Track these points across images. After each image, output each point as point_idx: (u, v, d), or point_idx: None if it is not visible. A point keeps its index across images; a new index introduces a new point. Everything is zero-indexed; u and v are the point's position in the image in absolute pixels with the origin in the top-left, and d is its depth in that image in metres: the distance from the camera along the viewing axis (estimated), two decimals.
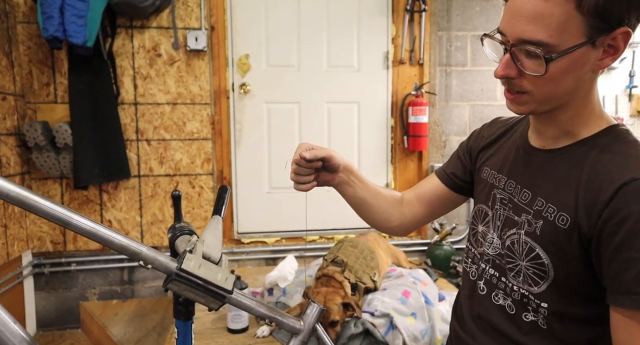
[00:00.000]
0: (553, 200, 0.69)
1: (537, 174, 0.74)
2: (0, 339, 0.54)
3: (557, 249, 0.68)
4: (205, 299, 0.64)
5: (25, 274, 2.28)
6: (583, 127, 0.70)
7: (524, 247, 0.72)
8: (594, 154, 0.67)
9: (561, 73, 0.64)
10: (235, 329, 1.70)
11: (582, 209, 0.65)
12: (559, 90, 0.66)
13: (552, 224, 0.68)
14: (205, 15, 2.41)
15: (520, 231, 0.73)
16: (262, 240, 2.62)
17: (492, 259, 0.79)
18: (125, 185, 2.43)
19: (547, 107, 0.69)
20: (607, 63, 0.65)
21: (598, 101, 0.71)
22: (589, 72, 0.66)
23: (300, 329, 0.76)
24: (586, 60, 0.64)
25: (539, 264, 0.70)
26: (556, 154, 0.72)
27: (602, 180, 0.63)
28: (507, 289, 0.76)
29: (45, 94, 2.31)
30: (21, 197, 0.54)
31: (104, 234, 0.59)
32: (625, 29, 0.61)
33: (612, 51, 0.64)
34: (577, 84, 0.66)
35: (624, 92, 2.86)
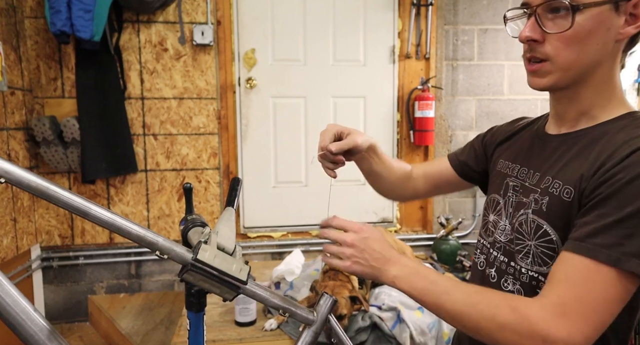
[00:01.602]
0: (560, 176, 0.69)
1: (549, 156, 0.73)
2: (21, 326, 0.55)
3: (564, 224, 0.66)
4: (220, 289, 0.65)
5: (34, 268, 2.30)
6: (602, 111, 0.70)
7: (532, 225, 0.71)
8: (609, 134, 0.66)
9: (586, 33, 0.64)
10: (243, 322, 1.71)
11: (587, 176, 0.64)
12: (582, 56, 0.66)
13: (557, 198, 0.68)
14: (212, 10, 2.41)
15: (527, 211, 0.72)
16: (269, 235, 2.63)
17: (503, 245, 0.79)
18: (132, 180, 2.44)
19: (568, 78, 0.68)
20: (629, 32, 0.64)
21: (620, 86, 0.70)
22: (613, 42, 0.65)
23: (314, 319, 0.77)
24: (610, 25, 0.64)
25: (547, 241, 0.69)
26: (571, 136, 0.72)
27: (615, 150, 0.62)
28: (516, 273, 0.74)
29: (52, 88, 2.32)
30: (42, 188, 0.54)
31: (121, 224, 0.60)
32: None
33: (632, 20, 0.64)
34: (601, 55, 0.66)
35: (632, 86, 2.84)
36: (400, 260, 0.74)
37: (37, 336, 0.55)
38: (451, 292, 0.67)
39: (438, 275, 0.71)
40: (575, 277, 0.60)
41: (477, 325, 0.64)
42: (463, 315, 0.65)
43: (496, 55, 2.75)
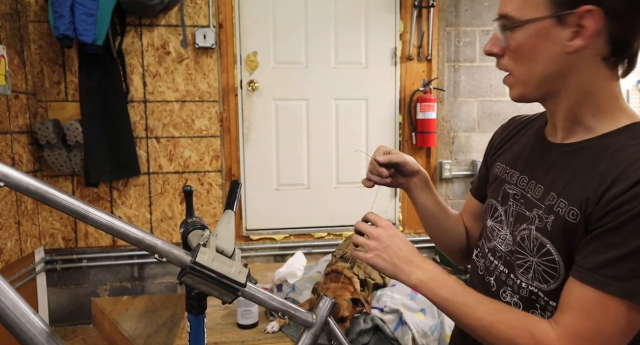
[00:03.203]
0: (565, 194, 0.67)
1: (552, 168, 0.71)
2: (20, 329, 0.55)
3: (567, 246, 0.65)
4: (219, 292, 0.65)
5: (38, 270, 2.31)
6: (596, 121, 0.68)
7: (535, 242, 0.70)
8: (612, 149, 0.64)
9: (529, 48, 0.66)
10: (245, 324, 1.71)
11: (593, 199, 0.62)
12: (533, 69, 0.67)
13: (562, 218, 0.66)
14: (214, 13, 2.42)
15: (531, 226, 0.71)
16: (271, 237, 2.63)
17: (504, 255, 0.78)
18: (135, 183, 2.45)
19: (532, 90, 0.70)
20: (577, 44, 0.63)
21: (615, 95, 0.68)
22: (563, 55, 0.64)
23: (313, 322, 0.77)
24: (554, 39, 0.64)
25: (549, 260, 0.68)
26: (574, 148, 0.69)
27: (620, 172, 0.60)
28: (515, 287, 0.74)
29: (56, 92, 2.34)
30: (41, 191, 0.55)
31: (120, 227, 0.60)
32: (589, 7, 0.60)
33: (581, 31, 0.62)
34: (554, 68, 0.66)
35: (635, 86, 2.83)
36: (425, 264, 0.74)
37: (36, 339, 0.55)
38: (472, 306, 0.68)
39: (460, 285, 0.71)
40: (589, 309, 0.60)
41: (494, 344, 0.66)
42: (483, 331, 0.66)
43: None
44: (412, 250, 0.76)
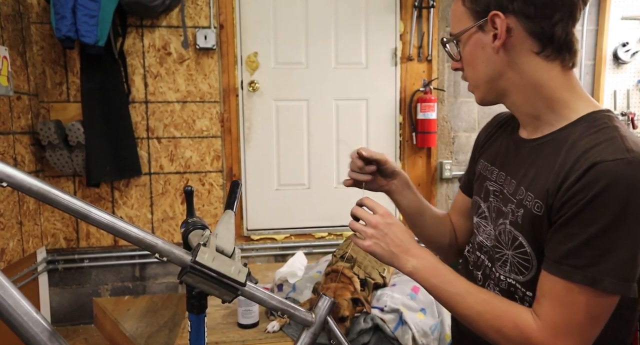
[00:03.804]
0: (531, 188, 0.70)
1: (522, 164, 0.75)
2: (23, 328, 0.56)
3: (536, 238, 0.69)
4: (219, 291, 0.66)
5: (39, 270, 2.32)
6: (554, 113, 0.72)
7: (509, 236, 0.74)
8: (570, 141, 0.67)
9: (468, 56, 0.76)
10: (245, 324, 1.72)
11: (553, 190, 0.65)
12: (478, 73, 0.76)
13: (530, 211, 0.69)
14: (215, 14, 2.43)
15: (506, 221, 0.75)
16: (272, 237, 2.64)
17: (488, 250, 0.82)
18: (136, 183, 2.46)
19: (485, 92, 0.78)
20: (498, 44, 0.70)
21: (566, 85, 0.71)
22: (495, 55, 0.72)
23: (312, 321, 0.77)
24: (482, 44, 0.73)
25: (522, 253, 0.72)
26: (539, 142, 0.74)
27: (574, 162, 0.64)
28: (496, 279, 0.79)
29: (58, 93, 2.35)
30: (43, 191, 0.56)
31: (120, 227, 0.61)
32: (495, 12, 0.69)
33: (497, 34, 0.70)
34: (494, 68, 0.73)
35: (636, 86, 2.83)
36: (421, 253, 0.76)
37: (39, 337, 0.56)
38: (464, 295, 0.71)
39: (454, 275, 0.74)
40: (559, 299, 0.64)
41: (484, 332, 0.70)
42: (473, 320, 0.71)
43: None
44: (409, 239, 0.77)
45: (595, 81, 2.83)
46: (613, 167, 0.59)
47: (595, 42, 2.81)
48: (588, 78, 2.84)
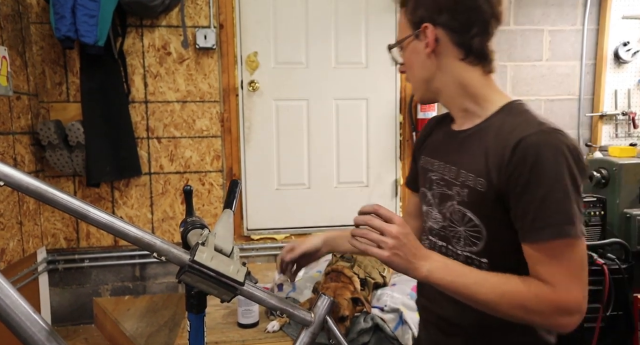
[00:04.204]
0: (471, 169, 0.82)
1: (459, 151, 0.87)
2: (21, 328, 0.56)
3: (482, 211, 0.80)
4: (218, 290, 0.65)
5: (40, 270, 2.32)
6: (477, 107, 0.86)
7: (460, 214, 0.84)
8: (496, 126, 0.81)
9: (408, 60, 0.89)
10: (245, 323, 1.72)
11: (493, 169, 0.77)
12: (415, 75, 0.89)
13: (474, 189, 0.80)
14: (214, 14, 2.43)
15: (454, 202, 0.85)
16: (272, 237, 2.63)
17: (438, 232, 0.91)
18: (136, 183, 2.46)
19: (422, 92, 0.91)
20: (427, 51, 0.84)
21: (485, 85, 0.85)
22: (427, 60, 0.85)
23: (311, 321, 0.77)
24: (417, 50, 0.86)
25: (473, 226, 0.82)
26: (471, 131, 0.86)
27: (504, 143, 0.76)
28: (454, 255, 0.87)
29: (58, 93, 2.35)
30: (41, 191, 0.56)
31: (119, 227, 0.61)
32: (426, 24, 0.83)
33: (427, 42, 0.84)
34: (428, 72, 0.86)
35: (637, 86, 2.82)
36: (431, 255, 0.80)
37: (37, 337, 0.56)
38: (480, 283, 0.75)
39: (463, 267, 0.78)
40: (552, 258, 0.73)
41: (509, 313, 0.74)
42: (495, 304, 0.74)
43: (499, 56, 2.71)
44: (420, 245, 0.79)
45: (596, 81, 2.83)
46: (535, 138, 0.73)
47: (596, 41, 2.81)
48: (589, 78, 2.83)
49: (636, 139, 2.83)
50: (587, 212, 1.96)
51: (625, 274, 1.86)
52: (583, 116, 2.84)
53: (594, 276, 1.87)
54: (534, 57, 2.78)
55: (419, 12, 0.84)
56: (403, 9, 0.88)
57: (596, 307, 1.87)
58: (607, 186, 2.18)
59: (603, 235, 1.98)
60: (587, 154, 2.79)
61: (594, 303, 1.87)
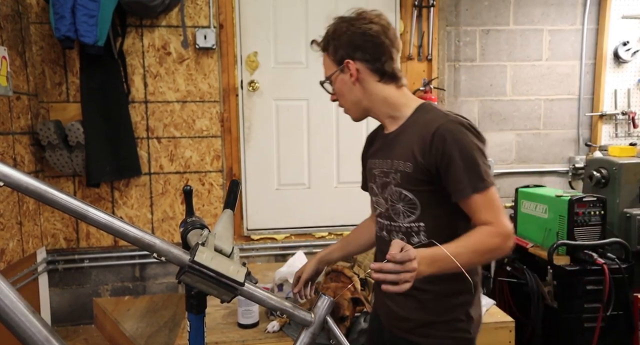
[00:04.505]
0: (401, 157, 1.06)
1: (390, 147, 1.10)
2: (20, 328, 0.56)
3: (413, 187, 1.04)
4: (218, 290, 0.65)
5: (39, 271, 2.32)
6: (399, 113, 1.10)
7: (397, 194, 1.07)
8: (415, 122, 1.07)
9: (338, 90, 1.13)
10: (245, 324, 1.72)
11: (418, 154, 1.02)
12: (347, 101, 1.13)
13: (403, 171, 1.05)
14: (214, 14, 2.43)
15: (391, 186, 1.08)
16: (272, 237, 2.63)
17: (384, 214, 1.13)
18: (136, 183, 2.46)
19: (355, 112, 1.14)
20: (352, 80, 1.08)
21: (400, 96, 1.10)
22: (354, 87, 1.09)
23: (311, 321, 0.77)
24: (344, 81, 1.10)
25: (409, 201, 1.05)
26: (397, 132, 1.11)
27: (423, 133, 1.02)
28: (397, 228, 1.09)
29: (57, 93, 2.35)
30: (40, 191, 0.55)
31: (119, 227, 0.61)
32: (347, 60, 1.07)
33: (352, 73, 1.08)
34: (357, 96, 1.10)
35: (637, 85, 2.82)
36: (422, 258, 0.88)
37: (36, 337, 0.56)
38: (457, 254, 0.90)
39: (440, 250, 0.90)
40: (485, 206, 0.98)
41: (483, 260, 1.00)
42: (475, 261, 0.98)
43: (498, 56, 2.74)
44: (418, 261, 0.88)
45: (595, 80, 2.83)
46: (446, 126, 1.00)
47: (595, 41, 2.81)
48: (588, 77, 2.83)
49: (636, 139, 2.83)
50: (587, 212, 1.96)
51: (625, 273, 1.86)
52: (583, 116, 2.84)
53: (594, 276, 1.87)
54: (533, 56, 2.78)
55: (340, 52, 1.08)
56: (325, 52, 1.13)
57: (596, 307, 1.86)
58: (607, 186, 2.18)
59: (603, 235, 1.97)
60: (587, 153, 2.79)
61: (594, 303, 1.87)
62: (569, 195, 2.00)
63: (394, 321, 1.12)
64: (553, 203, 2.04)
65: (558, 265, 1.91)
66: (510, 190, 2.65)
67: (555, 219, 2.02)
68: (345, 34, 1.07)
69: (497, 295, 2.30)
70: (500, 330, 1.78)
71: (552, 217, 2.05)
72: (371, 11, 1.09)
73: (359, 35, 1.06)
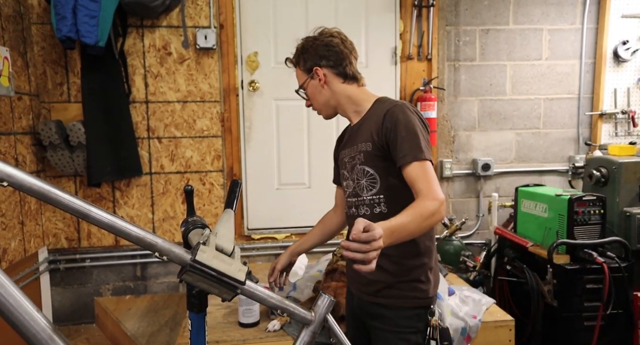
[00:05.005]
0: (362, 140, 1.24)
1: (356, 135, 1.29)
2: (24, 327, 0.56)
3: (374, 163, 1.21)
4: (219, 289, 0.66)
5: (41, 270, 2.33)
6: (361, 108, 1.29)
7: (361, 172, 1.24)
8: (373, 112, 1.25)
9: (311, 94, 1.33)
10: (246, 323, 1.73)
11: (374, 134, 1.20)
12: (319, 102, 1.32)
13: (364, 151, 1.23)
14: (215, 14, 2.43)
15: (356, 165, 1.26)
16: (272, 236, 2.64)
17: (351, 192, 1.29)
18: (137, 183, 2.47)
19: (326, 112, 1.34)
20: (321, 84, 1.29)
21: (360, 93, 1.30)
22: (323, 90, 1.30)
23: (312, 319, 0.78)
24: (315, 85, 1.30)
25: (370, 176, 1.22)
26: (360, 122, 1.29)
27: (378, 117, 1.21)
28: (362, 202, 1.25)
29: (59, 93, 2.35)
30: (43, 191, 0.56)
31: (121, 226, 0.61)
32: (316, 68, 1.28)
33: (320, 79, 1.28)
34: (325, 98, 1.30)
35: (636, 84, 2.83)
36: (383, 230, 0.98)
37: (40, 336, 0.56)
38: (406, 223, 1.02)
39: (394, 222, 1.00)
40: (424, 175, 1.12)
41: (428, 224, 1.07)
42: (423, 226, 1.06)
43: (498, 55, 2.75)
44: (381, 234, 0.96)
45: (595, 79, 2.83)
46: (393, 108, 1.18)
47: (595, 40, 2.81)
48: (588, 76, 2.84)
49: (636, 138, 2.83)
50: (587, 211, 1.96)
51: (625, 272, 1.86)
52: (582, 115, 2.84)
53: (594, 275, 1.87)
54: (533, 56, 2.78)
55: (309, 62, 1.29)
56: (297, 66, 1.34)
57: (596, 306, 1.87)
58: (607, 185, 2.18)
59: (603, 233, 1.98)
60: (587, 152, 2.80)
61: (594, 301, 1.87)
62: (568, 194, 2.00)
63: (360, 287, 1.28)
64: (553, 202, 2.05)
65: (558, 264, 1.91)
66: (510, 190, 2.66)
67: (555, 218, 2.03)
68: (312, 47, 1.29)
69: (497, 294, 2.31)
70: (500, 328, 1.79)
71: (552, 216, 2.05)
72: (331, 28, 1.33)
73: (323, 47, 1.28)
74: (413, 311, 1.20)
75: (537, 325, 1.99)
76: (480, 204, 2.78)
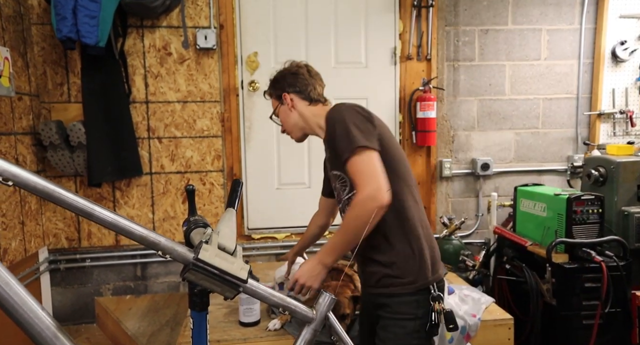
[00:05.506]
0: (326, 149, 1.40)
1: (327, 148, 1.42)
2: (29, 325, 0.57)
3: (337, 166, 1.31)
4: (221, 288, 0.67)
5: (42, 270, 2.33)
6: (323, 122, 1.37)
7: (334, 177, 1.37)
8: None
9: (283, 119, 1.47)
10: (247, 322, 1.73)
11: (326, 141, 1.35)
12: (290, 125, 1.46)
13: (328, 157, 1.43)
14: (215, 14, 2.44)
15: (330, 171, 1.40)
16: (272, 236, 2.65)
17: (337, 199, 1.41)
18: (137, 183, 2.47)
19: (297, 133, 1.48)
20: (290, 108, 1.44)
21: (323, 111, 1.38)
22: (291, 113, 1.44)
23: (313, 317, 0.79)
24: (285, 110, 1.45)
25: (341, 179, 1.34)
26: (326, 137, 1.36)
27: None
28: (345, 203, 1.34)
29: (59, 93, 2.36)
30: (48, 190, 0.57)
31: (124, 225, 0.62)
32: (284, 94, 1.43)
33: (288, 103, 1.43)
34: (294, 120, 1.44)
35: (634, 84, 2.84)
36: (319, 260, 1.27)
37: (44, 333, 0.57)
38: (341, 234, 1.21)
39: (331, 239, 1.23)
40: (353, 170, 1.20)
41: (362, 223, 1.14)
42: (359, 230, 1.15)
43: (497, 55, 2.76)
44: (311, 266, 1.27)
45: (593, 79, 2.84)
46: (329, 113, 1.29)
47: (593, 40, 2.82)
48: (586, 76, 2.85)
49: (634, 137, 2.84)
50: (586, 210, 1.97)
51: (623, 271, 1.87)
52: (581, 115, 2.85)
53: (592, 273, 1.88)
54: (532, 56, 2.79)
55: (278, 91, 1.45)
56: (271, 97, 1.49)
57: (595, 304, 1.88)
58: (605, 184, 2.19)
59: (601, 233, 1.99)
60: (585, 152, 2.81)
61: (593, 300, 1.88)
62: (567, 193, 2.01)
63: (364, 281, 1.40)
64: (551, 201, 2.06)
65: (557, 263, 1.92)
66: (509, 189, 2.67)
67: (554, 217, 2.04)
68: (281, 77, 1.46)
69: (496, 293, 2.32)
70: (499, 327, 1.80)
71: (550, 215, 2.06)
72: (299, 61, 1.50)
73: (290, 75, 1.44)
74: (412, 297, 1.25)
75: (536, 323, 2.00)
76: (480, 204, 2.79)
